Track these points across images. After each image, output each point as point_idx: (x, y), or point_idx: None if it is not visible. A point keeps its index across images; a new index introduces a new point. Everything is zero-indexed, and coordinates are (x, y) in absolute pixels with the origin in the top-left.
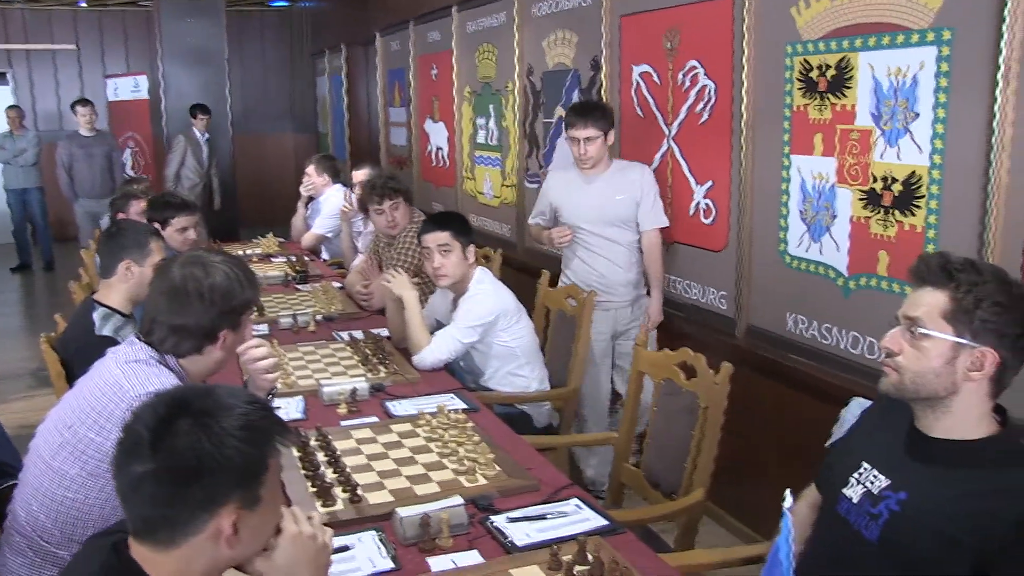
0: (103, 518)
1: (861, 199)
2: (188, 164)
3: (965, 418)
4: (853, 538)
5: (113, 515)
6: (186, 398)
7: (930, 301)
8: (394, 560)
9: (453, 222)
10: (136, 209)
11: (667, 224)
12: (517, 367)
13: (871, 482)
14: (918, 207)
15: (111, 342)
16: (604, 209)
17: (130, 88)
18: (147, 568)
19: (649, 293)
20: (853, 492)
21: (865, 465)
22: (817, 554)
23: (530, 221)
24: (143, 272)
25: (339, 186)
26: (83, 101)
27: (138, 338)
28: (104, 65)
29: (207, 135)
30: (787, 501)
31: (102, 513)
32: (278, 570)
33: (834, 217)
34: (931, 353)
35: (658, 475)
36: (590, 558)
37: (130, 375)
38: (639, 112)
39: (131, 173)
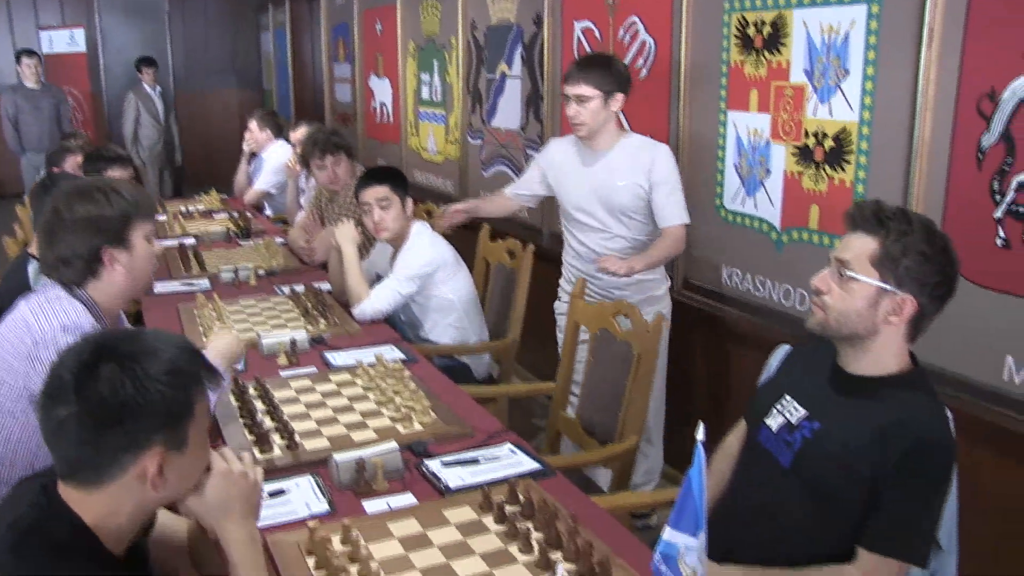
0: (30, 455)
1: (794, 154)
2: (144, 121)
3: (881, 357)
4: (770, 465)
5: (39, 452)
6: (111, 342)
7: (860, 246)
8: (330, 503)
9: (391, 176)
10: (72, 163)
11: (685, 220)
12: (456, 319)
13: (791, 413)
14: (848, 163)
15: None
16: (602, 195)
17: (65, 41)
18: (75, 508)
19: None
20: (773, 422)
21: (787, 397)
22: (739, 481)
23: (506, 190)
24: None
25: (282, 142)
26: (28, 52)
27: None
28: (37, 16)
29: (159, 88)
30: (699, 434)
31: (28, 450)
32: (209, 507)
33: (768, 172)
34: (856, 295)
35: (593, 423)
36: (521, 499)
37: (36, 310)
38: None
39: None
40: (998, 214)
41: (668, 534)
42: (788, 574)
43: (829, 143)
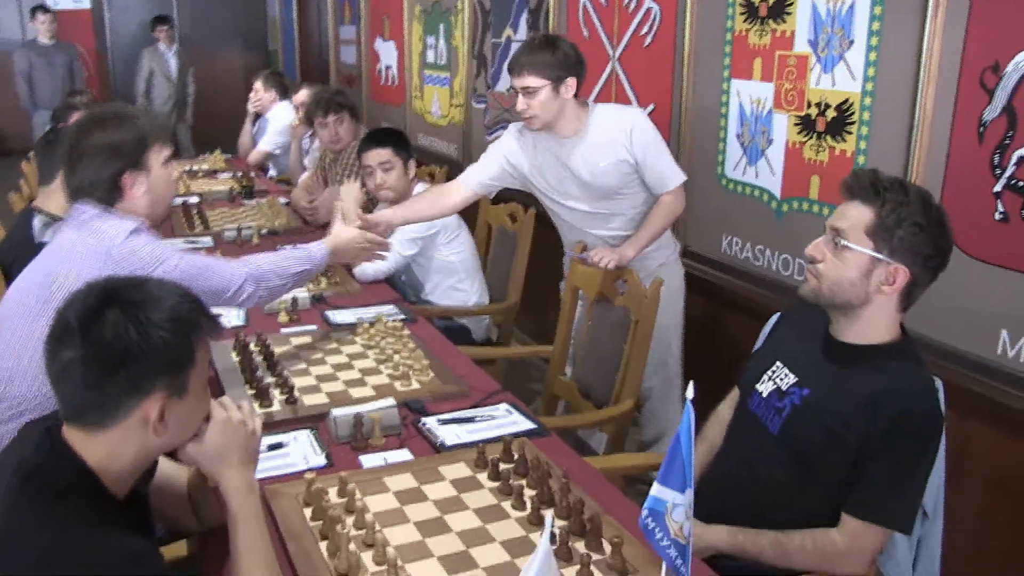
0: None
1: (796, 124)
2: (156, 81)
3: (872, 326)
4: (759, 431)
5: None
6: (116, 289)
7: (856, 215)
8: (327, 457)
9: (393, 139)
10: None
11: (683, 178)
12: (457, 281)
13: (781, 379)
14: (849, 133)
15: None
16: (587, 182)
17: None
18: (79, 450)
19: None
20: (764, 388)
21: (778, 364)
22: (729, 446)
23: (462, 179)
24: None
25: (287, 103)
26: (43, 8)
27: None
28: None
29: (175, 46)
30: (689, 392)
31: None
32: (208, 454)
33: (770, 141)
34: (850, 264)
35: (590, 387)
36: (515, 456)
37: (100, 225)
38: (585, 34)
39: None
40: (998, 188)
41: (656, 490)
42: (775, 535)
43: (831, 113)
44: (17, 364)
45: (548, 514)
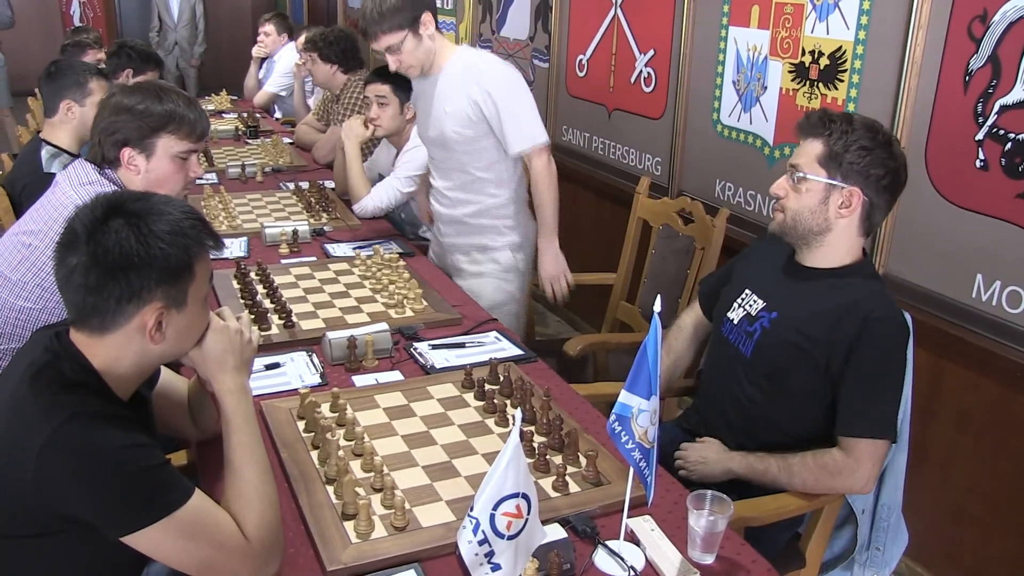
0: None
1: (790, 71)
2: (164, 21)
3: (835, 250)
4: (733, 354)
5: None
6: (122, 201)
7: (809, 150)
8: (322, 377)
9: (397, 77)
10: (91, 59)
11: (544, 140)
12: None
13: (751, 305)
14: (841, 81)
15: None
16: (430, 125)
17: None
18: (84, 352)
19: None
20: (735, 315)
21: (747, 291)
22: (709, 372)
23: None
24: (84, 112)
25: (293, 44)
26: None
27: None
28: None
29: None
30: (656, 306)
31: (51, 318)
32: (206, 357)
33: (765, 88)
34: (808, 193)
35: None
36: (500, 378)
37: (84, 197)
38: None
39: (79, 24)
40: (979, 136)
41: (623, 396)
42: (779, 456)
43: (824, 61)
44: None
45: (516, 413)
